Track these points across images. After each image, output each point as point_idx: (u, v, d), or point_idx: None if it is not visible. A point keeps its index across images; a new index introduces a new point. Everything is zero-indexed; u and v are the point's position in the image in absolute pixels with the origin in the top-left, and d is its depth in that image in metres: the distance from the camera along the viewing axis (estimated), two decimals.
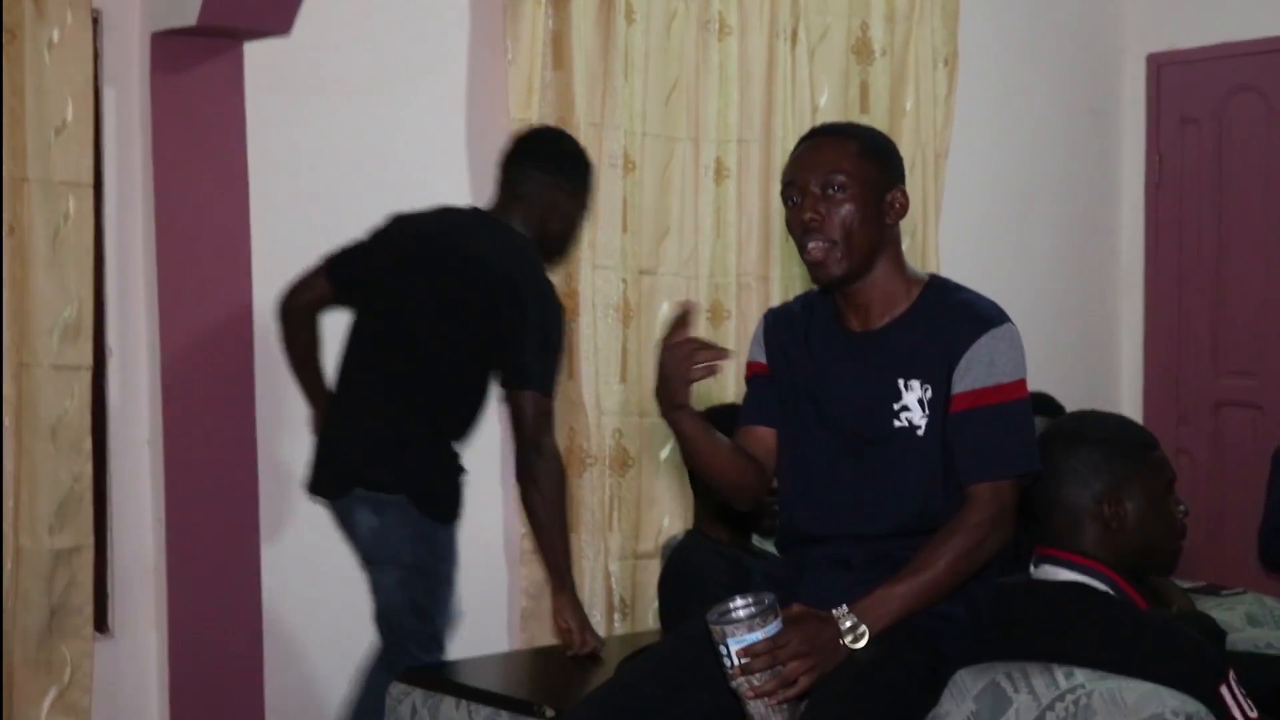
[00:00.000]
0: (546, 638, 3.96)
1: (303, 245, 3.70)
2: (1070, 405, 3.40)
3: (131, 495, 3.55)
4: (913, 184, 4.77)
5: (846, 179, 2.44)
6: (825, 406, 2.53)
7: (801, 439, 2.56)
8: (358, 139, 3.84)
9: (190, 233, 3.57)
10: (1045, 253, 5.44)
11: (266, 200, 3.66)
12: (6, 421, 3.27)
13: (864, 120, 4.69)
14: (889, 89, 4.81)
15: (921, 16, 4.84)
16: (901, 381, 2.47)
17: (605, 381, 4.16)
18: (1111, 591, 2.50)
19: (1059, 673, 2.36)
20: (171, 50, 3.54)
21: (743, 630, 2.24)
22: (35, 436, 3.28)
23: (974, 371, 2.43)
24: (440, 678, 3.12)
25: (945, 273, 4.82)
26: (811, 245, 2.45)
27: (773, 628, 2.25)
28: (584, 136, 4.05)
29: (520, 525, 4.02)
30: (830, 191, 2.44)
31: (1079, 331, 5.53)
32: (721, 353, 2.37)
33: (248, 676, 3.62)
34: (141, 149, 3.56)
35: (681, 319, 2.40)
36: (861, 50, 4.76)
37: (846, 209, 2.44)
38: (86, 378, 3.37)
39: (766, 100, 4.49)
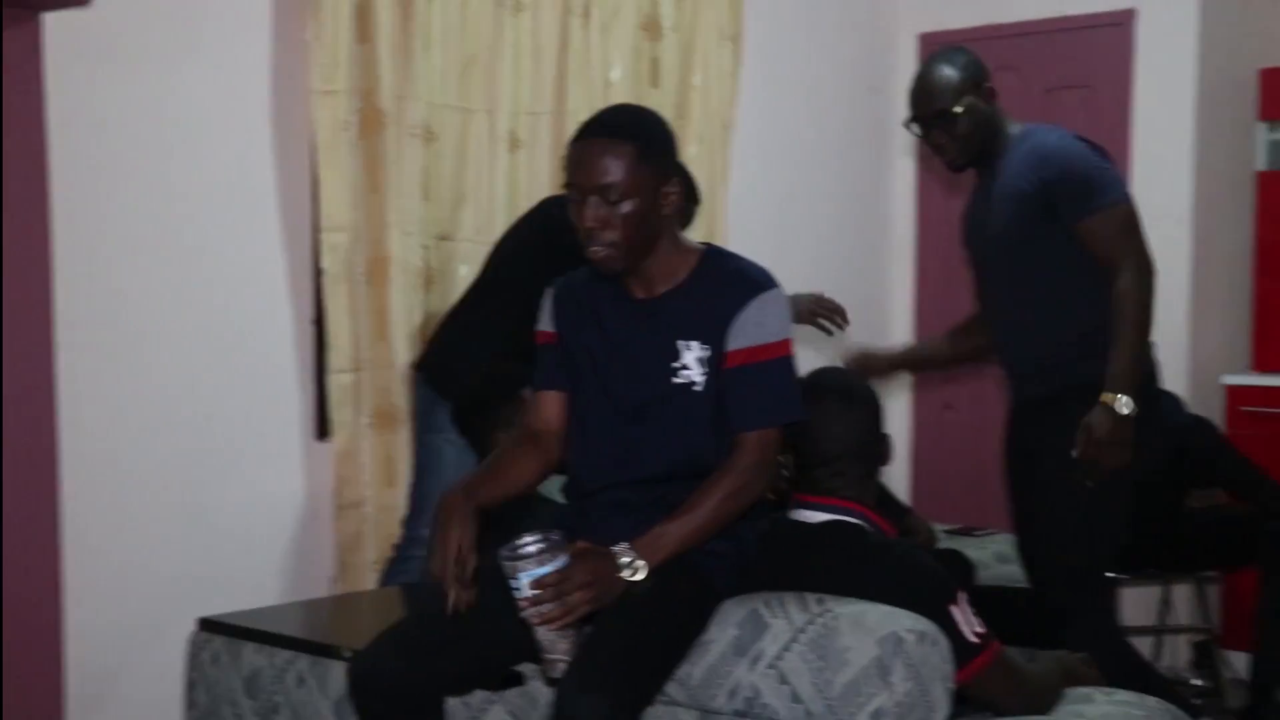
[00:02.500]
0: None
1: (107, 220, 3.79)
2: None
3: None
4: (701, 155, 5.06)
5: (624, 187, 2.63)
6: (610, 370, 2.78)
7: (587, 400, 2.81)
8: (162, 111, 3.90)
9: None
10: (825, 220, 5.76)
11: (67, 173, 3.70)
12: None
13: (654, 95, 4.93)
14: (678, 65, 5.03)
15: None
16: (681, 343, 2.72)
17: (412, 343, 4.33)
18: (867, 526, 2.80)
19: (811, 600, 2.64)
20: None
21: (533, 565, 2.50)
22: None
23: (745, 331, 2.69)
24: (241, 625, 3.26)
25: (733, 238, 5.11)
26: (593, 247, 2.67)
27: (560, 562, 2.51)
28: (388, 108, 4.20)
29: (334, 481, 4.17)
30: (608, 198, 2.64)
31: (855, 294, 5.76)
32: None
33: (46, 635, 3.67)
34: None
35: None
36: (651, 27, 4.97)
37: (625, 213, 2.65)
38: None
39: (559, 75, 4.67)
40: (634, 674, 2.52)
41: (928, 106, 3.64)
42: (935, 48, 5.79)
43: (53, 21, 3.65)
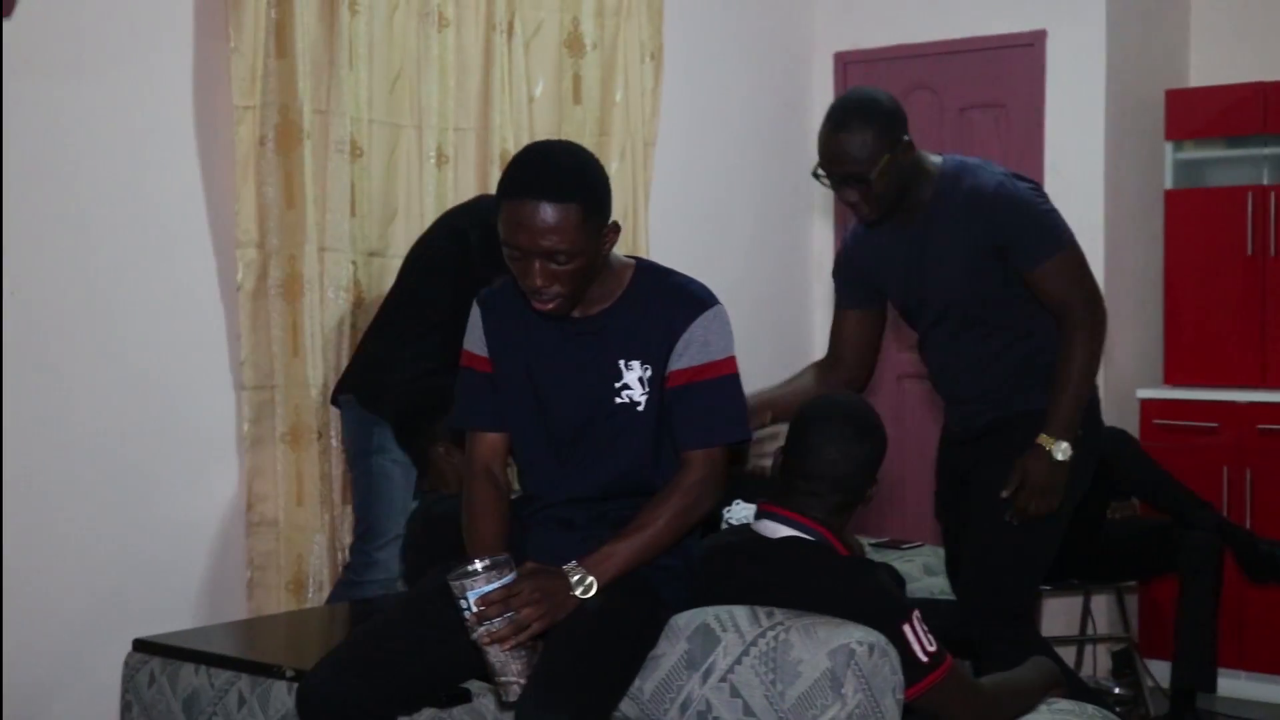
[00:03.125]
0: (274, 608, 4.07)
1: (27, 237, 3.71)
2: (766, 381, 3.71)
3: None
4: (623, 171, 5.07)
5: (572, 244, 2.56)
6: (549, 391, 2.74)
7: (526, 421, 2.78)
8: (83, 124, 3.85)
9: None
10: (745, 238, 5.80)
11: (13, 178, 3.63)
12: None
13: (576, 112, 4.95)
14: (600, 81, 5.05)
15: (629, 13, 5.10)
16: (622, 362, 2.71)
17: (329, 361, 4.28)
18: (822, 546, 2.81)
19: (761, 613, 2.65)
20: None
21: (480, 583, 2.48)
22: None
23: (690, 350, 2.68)
24: (178, 645, 3.21)
25: (654, 255, 5.12)
26: (539, 303, 2.63)
27: (508, 579, 2.50)
28: (309, 123, 4.16)
29: (247, 498, 4.12)
30: (554, 262, 2.58)
31: (774, 311, 5.92)
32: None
33: None
34: None
35: None
36: (573, 44, 4.99)
37: (572, 270, 2.60)
38: None
39: (484, 90, 4.67)
40: (592, 691, 2.51)
41: (840, 169, 3.37)
42: (850, 66, 5.91)
43: None
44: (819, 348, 5.97)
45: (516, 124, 4.75)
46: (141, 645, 3.23)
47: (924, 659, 2.64)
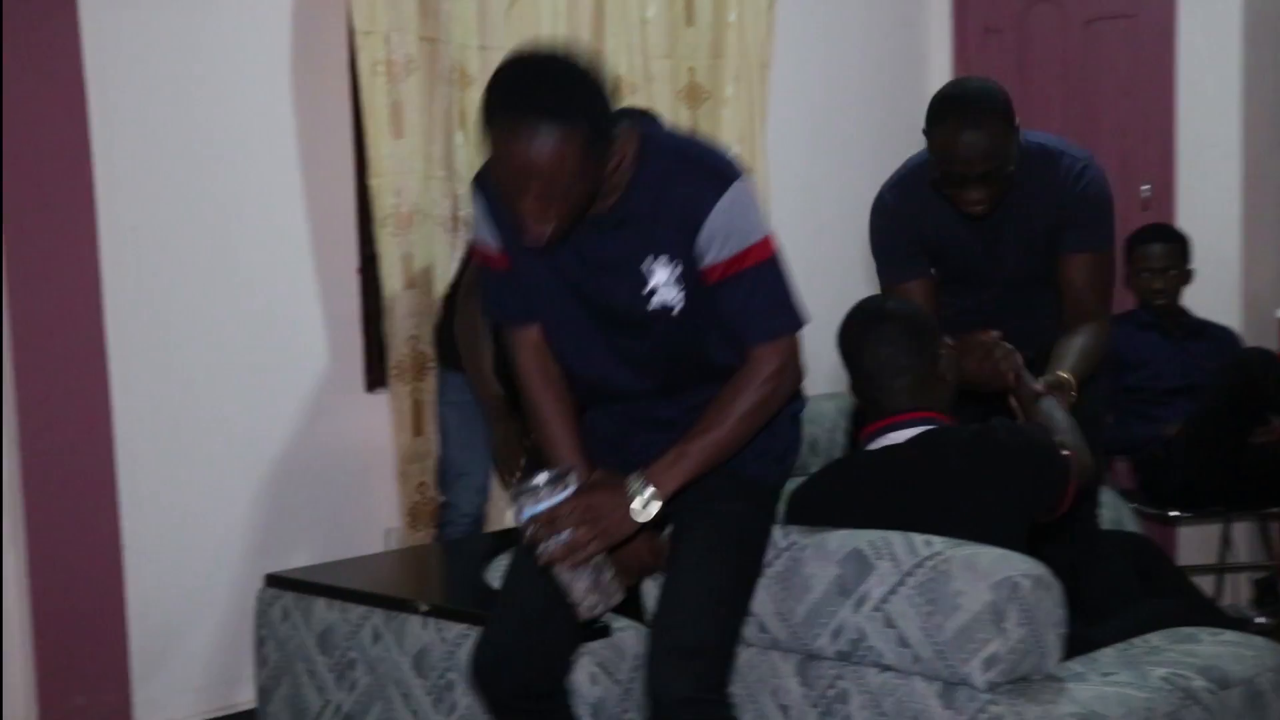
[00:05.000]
0: (399, 541, 4.04)
1: (142, 166, 3.68)
2: None
3: None
4: (738, 95, 4.94)
5: (563, 183, 2.20)
6: (581, 289, 2.44)
7: (569, 319, 2.47)
8: (194, 47, 3.79)
9: (29, 149, 3.49)
10: (862, 157, 5.60)
11: (104, 112, 3.60)
12: None
13: (689, 34, 4.82)
14: (713, 1, 4.91)
15: None
16: (650, 258, 2.38)
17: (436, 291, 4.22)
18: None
19: (919, 540, 2.53)
20: None
21: (532, 501, 2.33)
22: None
23: (720, 241, 2.35)
24: (311, 580, 3.18)
25: (772, 178, 5.00)
26: (536, 231, 2.25)
27: (560, 496, 2.33)
28: (418, 51, 4.08)
29: (395, 442, 4.08)
30: (547, 199, 2.22)
31: None
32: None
33: (109, 593, 3.62)
34: None
35: None
36: None
37: (569, 197, 2.24)
38: None
39: (596, 13, 4.56)
40: (714, 635, 2.40)
41: (977, 168, 3.10)
42: None
43: None
44: None
45: (629, 46, 4.64)
46: (274, 580, 3.19)
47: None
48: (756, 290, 2.39)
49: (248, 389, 3.89)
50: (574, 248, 2.39)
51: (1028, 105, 5.62)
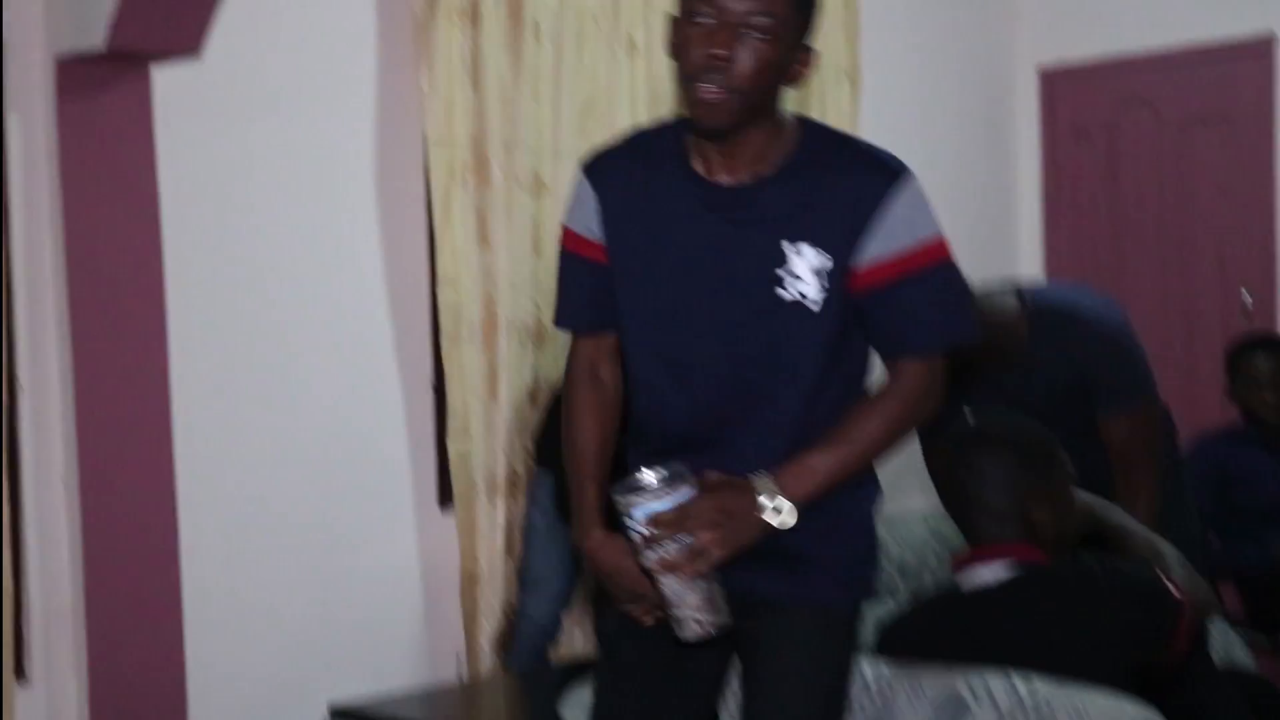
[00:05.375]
0: (480, 665, 3.91)
1: (216, 269, 3.64)
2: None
3: (47, 536, 3.42)
4: None
5: (773, 23, 2.00)
6: (683, 283, 2.14)
7: (657, 325, 2.18)
8: (269, 162, 3.76)
9: (101, 263, 3.46)
10: None
11: (179, 226, 3.56)
12: None
13: None
14: (796, 104, 4.80)
15: (823, 32, 4.86)
16: (786, 244, 2.09)
17: (522, 406, 4.12)
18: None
19: (1020, 683, 2.36)
20: (77, 75, 3.43)
21: (649, 499, 2.04)
22: None
23: (894, 233, 2.08)
24: (377, 714, 3.05)
25: None
26: (706, 86, 2.01)
27: (682, 495, 2.05)
28: (497, 157, 4.02)
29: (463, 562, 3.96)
30: (748, 32, 2.01)
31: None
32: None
33: (171, 711, 3.51)
34: (48, 178, 3.44)
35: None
36: None
37: (761, 56, 2.01)
38: None
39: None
40: None
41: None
42: (1056, 81, 5.58)
43: (162, 73, 3.52)
44: None
45: None
46: (340, 713, 3.07)
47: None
48: (925, 293, 2.11)
49: (317, 503, 3.81)
50: (679, 233, 2.13)
51: (1119, 209, 5.48)
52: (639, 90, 4.39)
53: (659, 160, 2.15)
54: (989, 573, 2.54)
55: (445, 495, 4.06)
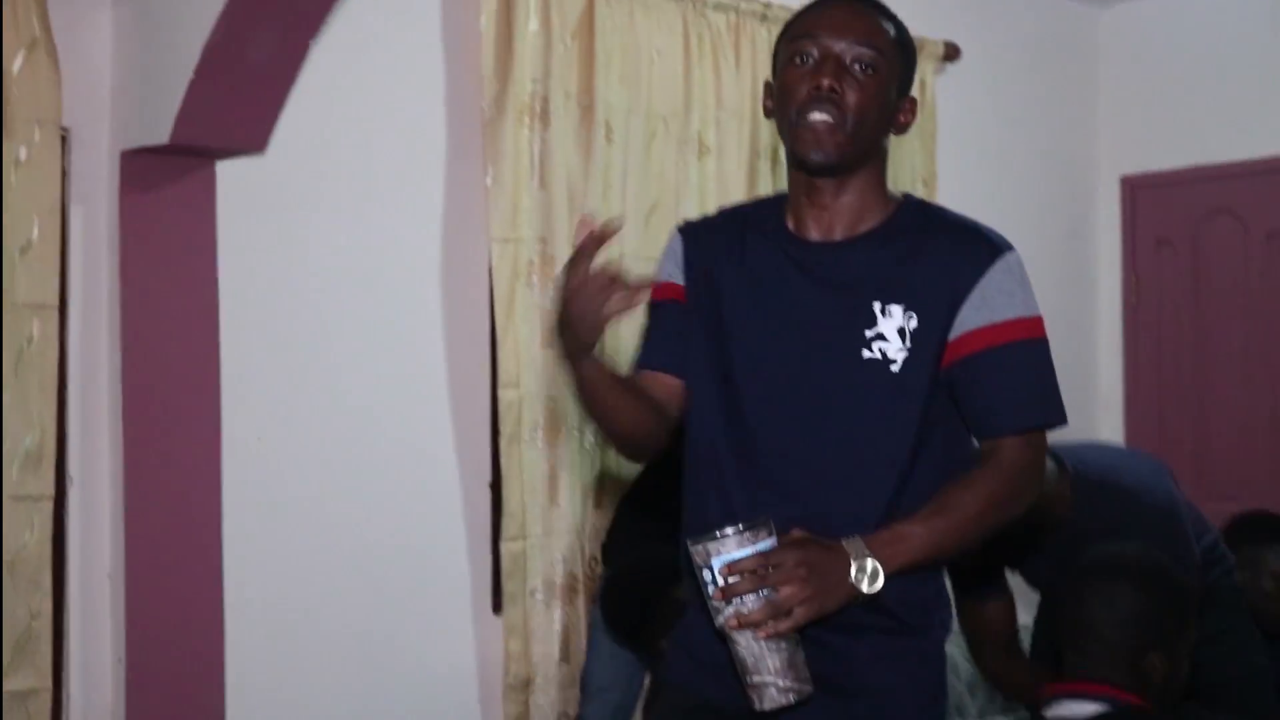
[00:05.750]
0: None
1: (274, 372, 3.60)
2: None
3: (91, 633, 3.36)
4: None
5: (879, 58, 2.05)
6: (759, 336, 2.09)
7: (727, 383, 2.10)
8: (332, 260, 3.73)
9: (157, 357, 3.43)
10: None
11: (237, 324, 3.53)
12: None
13: None
14: None
15: (900, 139, 4.79)
16: (878, 305, 2.04)
17: (588, 510, 4.02)
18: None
19: None
20: (142, 169, 3.43)
21: (731, 547, 1.89)
22: None
23: (995, 302, 2.02)
24: None
25: None
26: (817, 114, 2.02)
27: (764, 544, 1.91)
28: (563, 257, 3.96)
29: (504, 657, 3.85)
30: (858, 67, 2.04)
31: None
32: (639, 287, 1.95)
33: None
34: (108, 270, 3.43)
35: (585, 246, 1.94)
36: None
37: (870, 92, 2.04)
38: (48, 508, 3.19)
39: (749, 184, 4.43)
40: None
41: None
42: (1139, 191, 5.46)
43: (227, 166, 3.51)
44: None
45: None
46: None
47: None
48: (1022, 367, 2.05)
49: (369, 604, 3.72)
50: (759, 278, 2.10)
51: (1203, 321, 5.33)
52: (709, 191, 4.33)
53: (754, 223, 2.14)
54: (1081, 709, 2.39)
55: (501, 598, 3.97)
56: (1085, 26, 5.57)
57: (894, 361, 2.02)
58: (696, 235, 2.18)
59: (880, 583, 1.93)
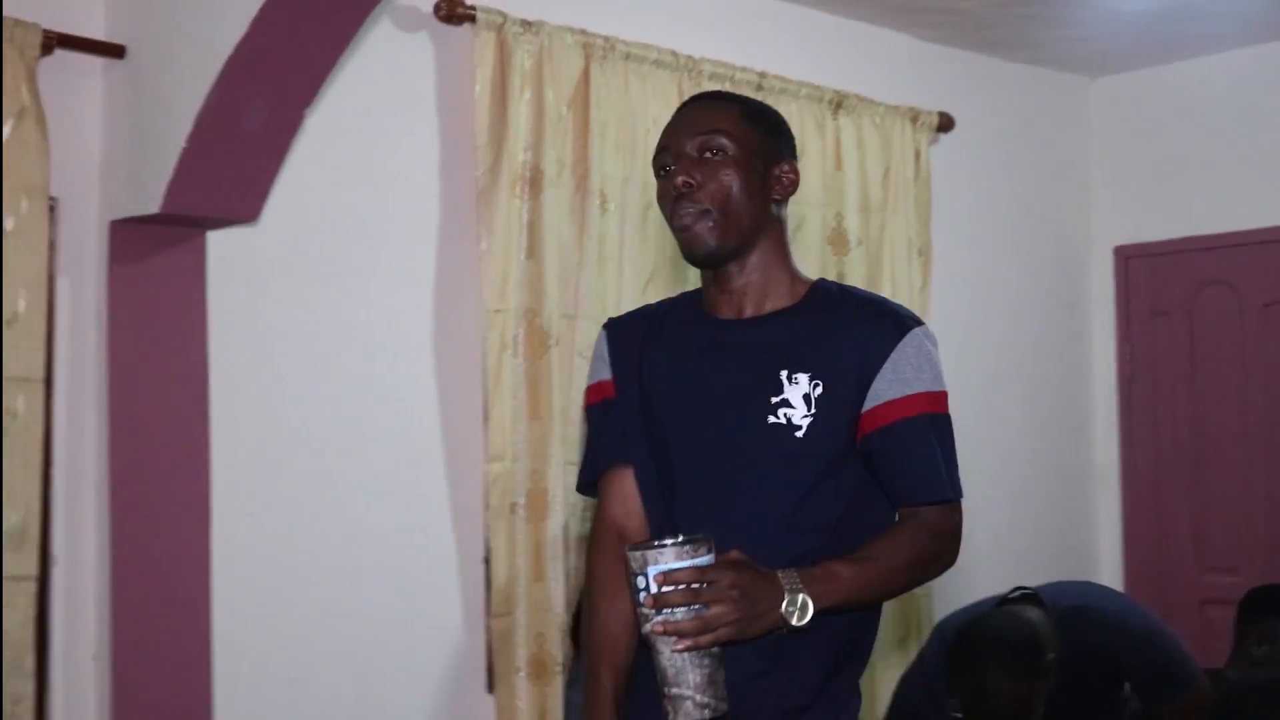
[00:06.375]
0: None
1: (266, 444, 3.52)
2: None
3: (74, 719, 3.25)
4: None
5: (727, 141, 2.11)
6: (680, 408, 2.15)
7: (658, 451, 2.17)
8: (324, 330, 3.65)
9: (145, 432, 3.35)
10: (1019, 446, 5.31)
11: (227, 397, 3.45)
12: None
13: None
14: (866, 279, 4.71)
15: (895, 208, 4.79)
16: (784, 373, 2.09)
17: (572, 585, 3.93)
18: None
19: None
20: (130, 239, 3.36)
21: (669, 557, 1.92)
22: None
23: (905, 376, 2.07)
24: None
25: None
26: (683, 212, 2.10)
27: (702, 559, 1.93)
28: (556, 327, 3.90)
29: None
30: (708, 155, 2.11)
31: (1056, 527, 5.38)
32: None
33: None
34: (96, 343, 3.35)
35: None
36: (837, 241, 4.68)
37: (726, 175, 2.10)
38: (31, 589, 3.10)
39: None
40: None
41: None
42: (1132, 261, 5.43)
43: (217, 238, 3.44)
44: (1108, 567, 5.42)
45: None
46: None
47: None
48: (937, 441, 2.10)
49: (362, 686, 3.61)
50: (675, 357, 2.17)
51: (1200, 391, 5.29)
52: None
53: (674, 313, 2.23)
54: None
55: (494, 678, 3.87)
56: (1077, 97, 5.56)
57: (799, 427, 2.08)
58: (620, 329, 2.26)
59: (809, 617, 1.96)
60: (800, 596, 1.96)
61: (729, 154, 2.11)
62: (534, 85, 3.91)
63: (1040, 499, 5.33)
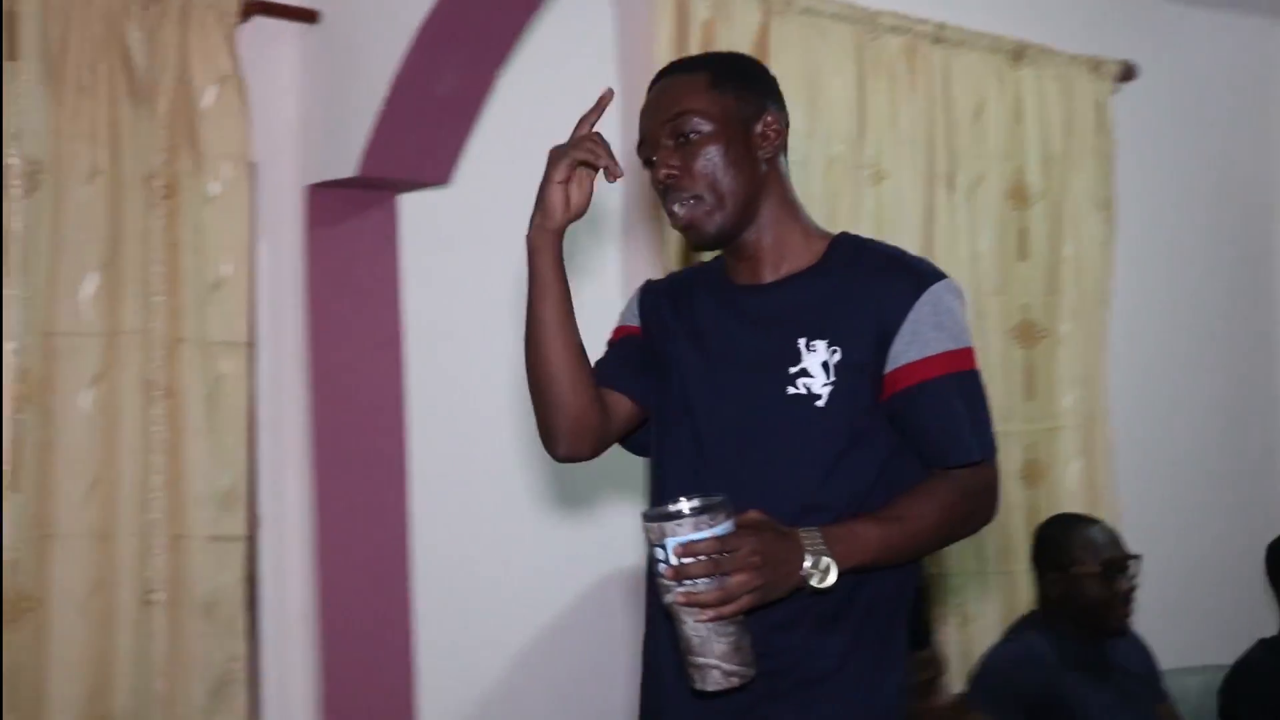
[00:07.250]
0: None
1: (460, 405, 3.54)
2: (1243, 562, 3.21)
3: (286, 676, 3.31)
4: (1075, 331, 4.58)
5: (699, 120, 2.05)
6: (702, 382, 2.11)
7: (674, 418, 2.13)
8: (515, 292, 3.66)
9: (345, 393, 3.39)
10: (1208, 400, 5.17)
11: (423, 358, 3.48)
12: (161, 598, 3.04)
13: (1022, 267, 4.53)
14: (1047, 235, 4.61)
15: (1077, 162, 4.67)
16: (803, 342, 2.04)
17: None
18: None
19: None
20: (327, 203, 3.40)
21: (687, 528, 1.87)
22: (189, 614, 3.06)
23: (925, 338, 2.00)
24: None
25: (1115, 421, 4.57)
26: (675, 206, 2.07)
27: (720, 528, 1.87)
28: None
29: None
30: (683, 139, 2.06)
31: (1243, 476, 5.24)
32: (615, 166, 2.04)
33: None
34: (294, 305, 3.39)
35: (602, 104, 2.10)
36: (1018, 195, 4.57)
37: (706, 155, 2.05)
38: (242, 549, 3.16)
39: (925, 246, 4.29)
40: None
41: None
42: None
43: (408, 201, 3.47)
44: None
45: (960, 280, 4.34)
46: None
47: None
48: (962, 400, 2.02)
49: (564, 646, 3.62)
50: (697, 325, 2.15)
51: None
52: (884, 218, 4.23)
53: (701, 279, 2.19)
54: None
55: None
56: (1262, 42, 5.37)
57: (819, 396, 2.02)
58: (656, 290, 2.25)
59: (831, 579, 1.91)
60: (823, 559, 1.91)
61: (704, 132, 2.05)
62: (711, 43, 3.87)
63: (1231, 449, 5.18)
